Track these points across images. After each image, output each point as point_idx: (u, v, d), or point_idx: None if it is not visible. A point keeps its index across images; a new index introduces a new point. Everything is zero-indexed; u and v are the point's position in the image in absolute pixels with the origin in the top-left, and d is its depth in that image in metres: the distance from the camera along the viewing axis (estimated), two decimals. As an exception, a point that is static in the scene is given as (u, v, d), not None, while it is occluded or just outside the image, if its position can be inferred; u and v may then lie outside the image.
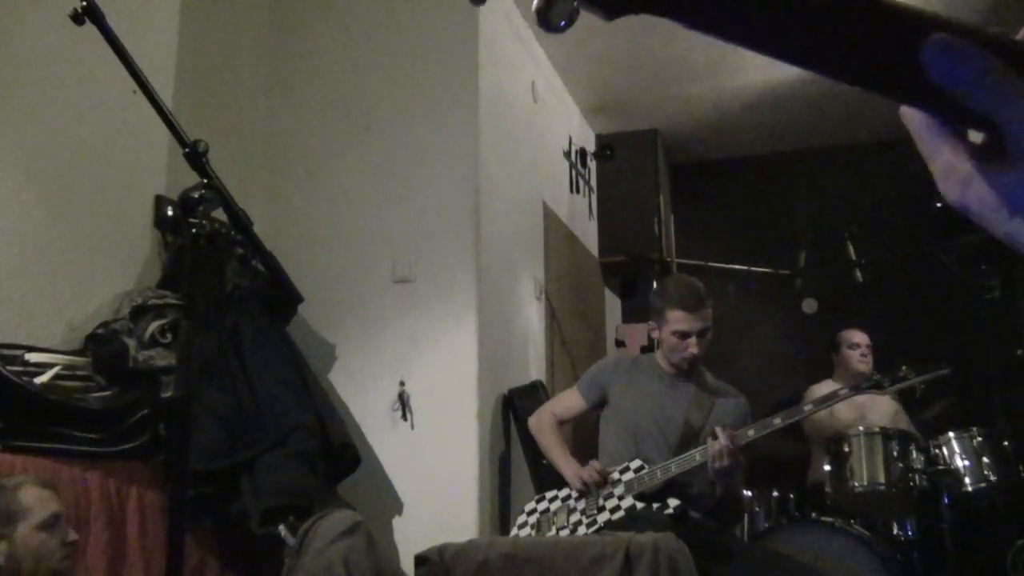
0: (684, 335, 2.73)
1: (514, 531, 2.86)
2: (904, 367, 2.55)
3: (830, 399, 2.66)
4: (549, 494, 2.86)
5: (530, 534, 2.78)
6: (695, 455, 2.58)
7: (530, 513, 2.87)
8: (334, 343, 3.47)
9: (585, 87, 4.94)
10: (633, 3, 0.38)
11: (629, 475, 2.66)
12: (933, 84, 0.38)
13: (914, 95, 0.40)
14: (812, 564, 2.50)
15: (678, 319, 2.73)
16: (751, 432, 2.59)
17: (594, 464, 2.72)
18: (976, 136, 0.42)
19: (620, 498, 2.63)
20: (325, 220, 3.58)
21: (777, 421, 2.55)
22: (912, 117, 0.42)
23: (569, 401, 3.00)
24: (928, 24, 0.38)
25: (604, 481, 2.67)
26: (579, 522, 2.67)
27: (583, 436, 3.64)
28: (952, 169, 0.41)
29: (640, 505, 2.58)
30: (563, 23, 0.39)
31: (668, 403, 2.80)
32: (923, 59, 0.38)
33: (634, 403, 2.83)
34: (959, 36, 0.38)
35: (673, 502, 2.54)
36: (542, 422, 2.99)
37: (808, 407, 2.62)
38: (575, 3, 0.38)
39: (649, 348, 3.52)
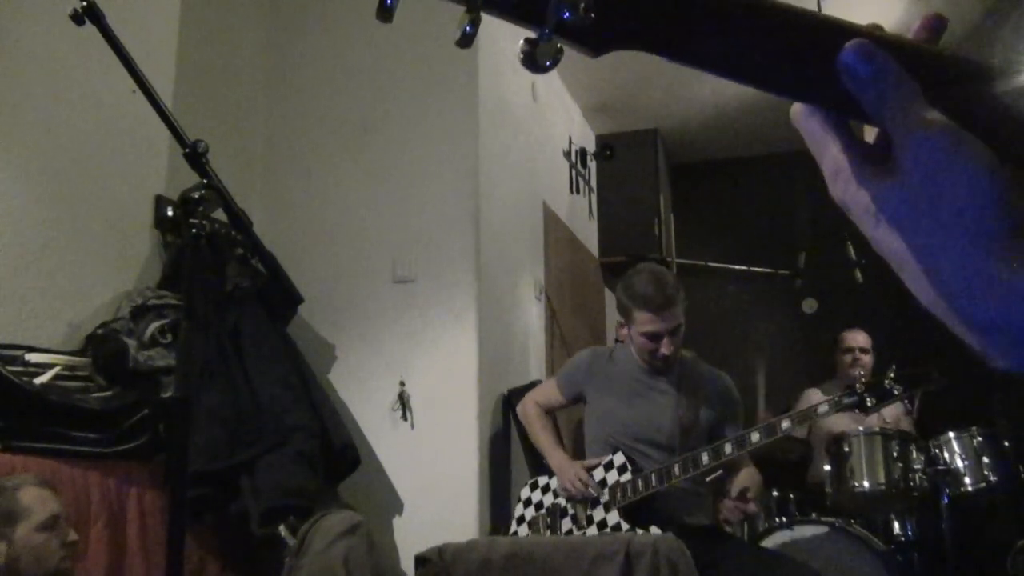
0: (654, 336, 2.55)
1: (513, 526, 2.83)
2: (890, 378, 2.35)
3: (808, 417, 2.43)
4: (541, 480, 2.81)
5: (527, 534, 2.76)
6: (674, 468, 2.47)
7: (526, 504, 2.83)
8: (334, 343, 3.47)
9: (585, 87, 4.94)
10: (616, 42, 0.40)
11: (613, 475, 2.59)
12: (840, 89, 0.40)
13: (823, 97, 0.42)
14: (812, 564, 2.49)
15: (646, 321, 2.53)
16: (728, 447, 2.44)
17: (580, 472, 2.62)
18: (870, 134, 0.44)
19: (606, 508, 2.58)
20: (325, 220, 3.58)
21: (755, 437, 2.41)
22: (803, 115, 0.44)
23: (550, 393, 2.92)
24: (854, 33, 0.40)
25: (587, 487, 2.61)
26: (570, 532, 2.64)
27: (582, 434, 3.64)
28: (839, 169, 0.42)
29: (625, 527, 2.50)
30: (548, 63, 0.40)
31: (648, 408, 2.65)
32: (839, 60, 0.40)
33: (610, 410, 2.70)
34: (881, 46, 0.40)
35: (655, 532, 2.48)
36: (528, 411, 2.92)
37: (785, 425, 2.40)
38: (558, 44, 0.40)
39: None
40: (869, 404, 2.31)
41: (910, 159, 0.38)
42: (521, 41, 0.40)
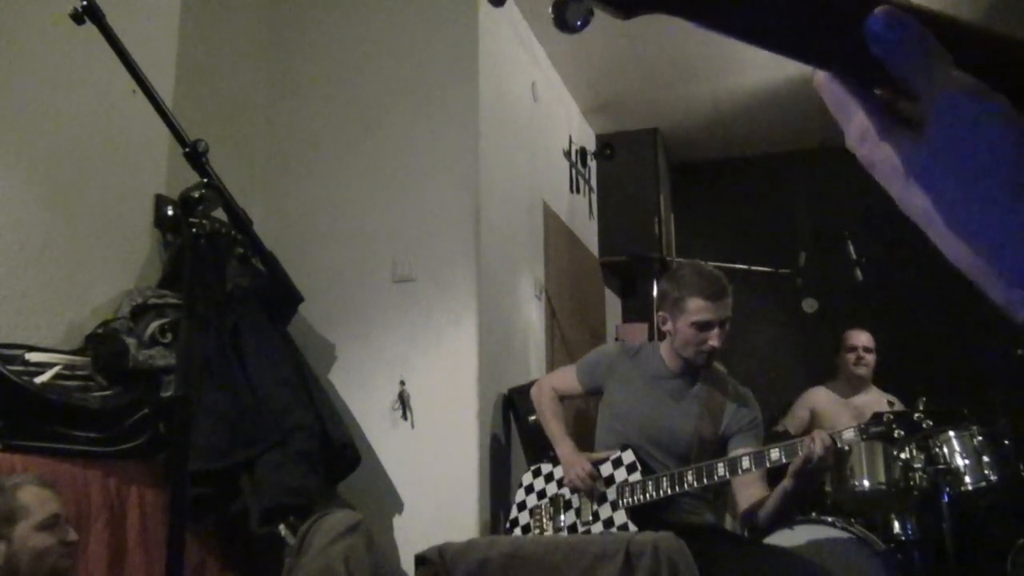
0: (706, 326, 2.49)
1: (513, 511, 2.82)
2: (920, 412, 2.30)
3: (832, 442, 2.30)
4: (545, 468, 2.79)
5: (527, 522, 2.75)
6: (687, 475, 2.44)
7: (528, 490, 2.81)
8: (334, 343, 3.47)
9: (585, 87, 4.94)
10: (645, 4, 0.40)
11: (621, 473, 2.57)
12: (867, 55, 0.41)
13: (850, 65, 0.43)
14: (812, 563, 2.48)
15: (700, 309, 2.48)
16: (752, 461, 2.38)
17: (587, 466, 2.60)
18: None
19: (613, 507, 2.57)
20: (325, 220, 3.58)
21: (775, 455, 2.34)
22: (828, 84, 0.45)
23: (567, 380, 2.88)
24: (881, 0, 0.41)
25: (594, 482, 2.60)
26: (574, 526, 2.64)
27: (585, 433, 3.64)
28: (865, 130, 0.43)
29: (632, 528, 2.48)
30: (579, 23, 0.41)
31: (669, 414, 2.61)
32: (867, 27, 0.40)
33: (630, 409, 2.66)
34: (907, 11, 0.40)
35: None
36: (542, 394, 2.87)
37: (813, 447, 2.25)
38: (590, 3, 0.40)
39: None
40: (896, 436, 2.28)
41: (937, 117, 0.39)
42: (552, 4, 0.40)
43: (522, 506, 2.80)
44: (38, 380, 2.34)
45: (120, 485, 2.40)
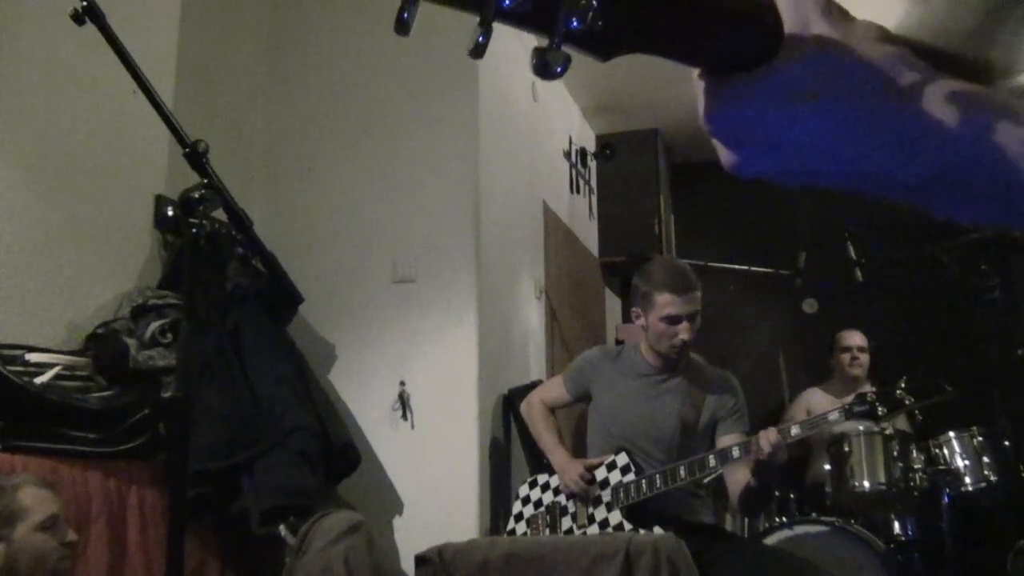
0: (674, 320, 2.57)
1: (511, 523, 2.84)
2: (902, 388, 2.36)
3: (817, 424, 2.43)
4: (541, 479, 2.82)
5: (525, 532, 2.76)
6: (679, 470, 2.48)
7: (524, 501, 2.83)
8: (334, 343, 3.47)
9: (585, 87, 4.94)
10: (624, 45, 0.42)
11: (616, 475, 2.60)
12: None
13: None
14: (812, 563, 2.49)
15: (667, 303, 2.56)
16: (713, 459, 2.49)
17: (582, 471, 2.63)
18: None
19: (608, 508, 2.59)
20: (325, 220, 3.58)
21: (764, 443, 2.38)
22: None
23: (555, 391, 2.93)
24: None
25: (591, 483, 2.63)
26: (570, 530, 2.65)
27: (583, 431, 3.64)
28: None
29: (628, 527, 2.51)
30: (559, 69, 0.42)
31: (655, 409, 2.66)
32: None
33: (617, 409, 2.71)
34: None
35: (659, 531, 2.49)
36: (532, 409, 2.93)
37: (795, 431, 2.39)
38: (570, 50, 0.42)
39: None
40: (880, 413, 2.32)
41: None
42: (532, 51, 0.41)
43: (519, 517, 2.82)
44: (38, 380, 2.34)
45: (120, 486, 2.40)
